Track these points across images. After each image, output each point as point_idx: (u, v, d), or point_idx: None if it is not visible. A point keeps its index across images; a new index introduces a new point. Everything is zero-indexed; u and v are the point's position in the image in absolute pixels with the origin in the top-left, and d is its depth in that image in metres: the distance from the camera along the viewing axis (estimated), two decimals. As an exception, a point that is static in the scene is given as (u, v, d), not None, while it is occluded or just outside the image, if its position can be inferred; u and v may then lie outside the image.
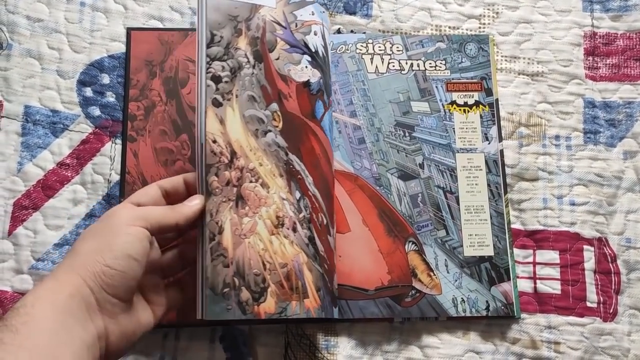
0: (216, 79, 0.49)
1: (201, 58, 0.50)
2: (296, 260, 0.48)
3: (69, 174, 0.59)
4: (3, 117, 0.59)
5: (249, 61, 0.50)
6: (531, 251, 0.59)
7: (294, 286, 0.47)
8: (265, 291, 0.46)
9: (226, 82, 0.49)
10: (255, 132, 0.49)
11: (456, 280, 0.56)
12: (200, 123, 0.49)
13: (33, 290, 0.39)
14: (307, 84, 0.52)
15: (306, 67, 0.52)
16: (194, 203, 0.46)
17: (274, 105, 0.50)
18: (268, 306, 0.46)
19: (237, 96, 0.49)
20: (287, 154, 0.50)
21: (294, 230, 0.49)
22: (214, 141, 0.48)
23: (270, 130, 0.50)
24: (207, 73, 0.48)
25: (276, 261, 0.47)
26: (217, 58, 0.49)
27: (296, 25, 0.53)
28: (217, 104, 0.49)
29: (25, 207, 0.57)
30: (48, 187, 0.58)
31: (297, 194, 0.49)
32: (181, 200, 0.47)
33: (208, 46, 0.49)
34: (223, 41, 0.50)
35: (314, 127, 0.52)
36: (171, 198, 0.49)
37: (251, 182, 0.48)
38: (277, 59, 0.51)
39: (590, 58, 0.64)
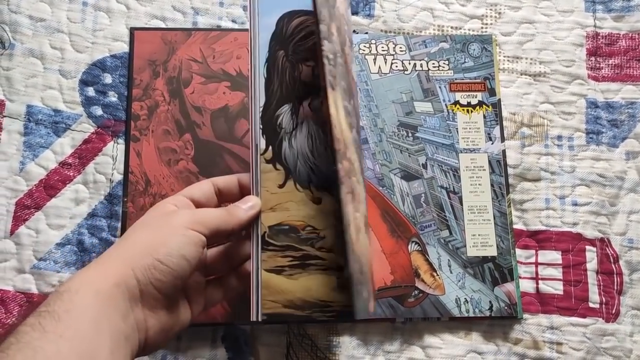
0: (329, 60, 0.44)
1: (255, 43, 0.48)
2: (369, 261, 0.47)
3: (71, 174, 0.59)
4: (5, 116, 0.59)
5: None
6: (533, 251, 0.59)
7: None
8: (368, 290, 0.45)
9: (332, 65, 0.45)
10: (350, 126, 0.46)
11: (459, 281, 0.56)
12: (254, 122, 0.47)
13: (79, 274, 0.39)
14: None
15: None
16: (249, 206, 0.46)
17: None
18: (372, 305, 0.45)
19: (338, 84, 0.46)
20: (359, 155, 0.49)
21: (366, 231, 0.47)
22: (336, 126, 0.43)
23: (354, 127, 0.48)
24: (321, 50, 0.43)
25: (367, 260, 0.46)
26: (326, 38, 0.44)
27: None
28: (332, 86, 0.44)
29: (28, 206, 0.57)
30: (50, 186, 0.58)
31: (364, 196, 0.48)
32: (233, 200, 0.47)
33: (320, 22, 0.43)
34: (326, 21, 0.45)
35: None
36: (223, 197, 0.49)
37: (351, 177, 0.46)
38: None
39: (593, 58, 0.64)
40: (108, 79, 0.61)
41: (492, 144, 0.60)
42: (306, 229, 0.48)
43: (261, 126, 0.48)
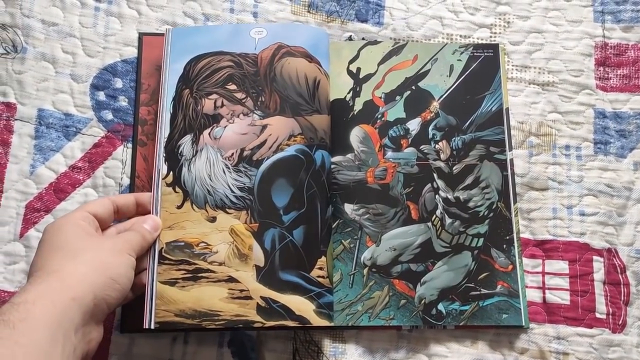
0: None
1: (164, 86, 0.57)
2: None
3: (81, 177, 0.59)
4: (17, 120, 0.60)
5: None
6: (540, 261, 0.59)
7: None
8: None
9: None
10: None
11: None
12: (159, 151, 0.55)
13: (35, 285, 0.41)
14: None
15: None
16: (152, 227, 0.51)
17: None
18: None
19: None
20: None
21: None
22: None
23: None
24: None
25: None
26: None
27: None
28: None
29: (37, 209, 0.58)
30: (60, 190, 0.58)
31: None
32: (130, 217, 0.53)
33: None
34: None
35: None
36: (120, 214, 0.53)
37: None
38: None
39: (601, 68, 0.64)
40: (119, 83, 0.61)
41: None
42: (200, 245, 0.53)
43: (164, 155, 0.55)
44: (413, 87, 0.62)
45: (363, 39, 0.64)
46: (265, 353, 0.55)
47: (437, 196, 0.59)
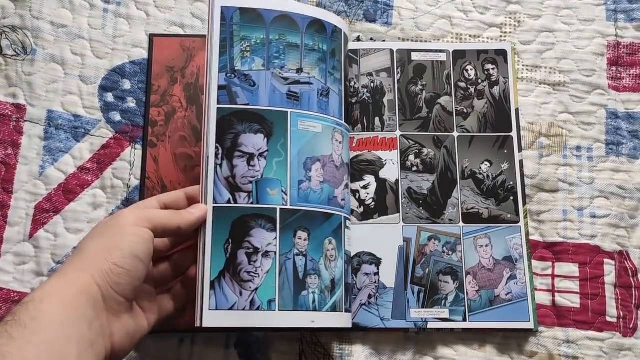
0: None
1: (212, 65, 0.50)
2: None
3: (90, 178, 0.59)
4: (26, 121, 0.60)
5: None
6: (550, 263, 0.58)
7: None
8: None
9: None
10: None
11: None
12: (207, 131, 0.50)
13: (42, 286, 0.40)
14: None
15: None
16: (197, 210, 0.48)
17: None
18: None
19: None
20: None
21: None
22: None
23: None
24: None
25: None
26: None
27: None
28: None
29: (47, 210, 0.58)
30: (69, 191, 0.59)
31: None
32: None
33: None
34: None
35: None
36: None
37: None
38: None
39: (614, 68, 0.63)
40: (127, 85, 0.62)
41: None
42: None
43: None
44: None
45: (371, 39, 0.64)
46: (272, 355, 0.55)
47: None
